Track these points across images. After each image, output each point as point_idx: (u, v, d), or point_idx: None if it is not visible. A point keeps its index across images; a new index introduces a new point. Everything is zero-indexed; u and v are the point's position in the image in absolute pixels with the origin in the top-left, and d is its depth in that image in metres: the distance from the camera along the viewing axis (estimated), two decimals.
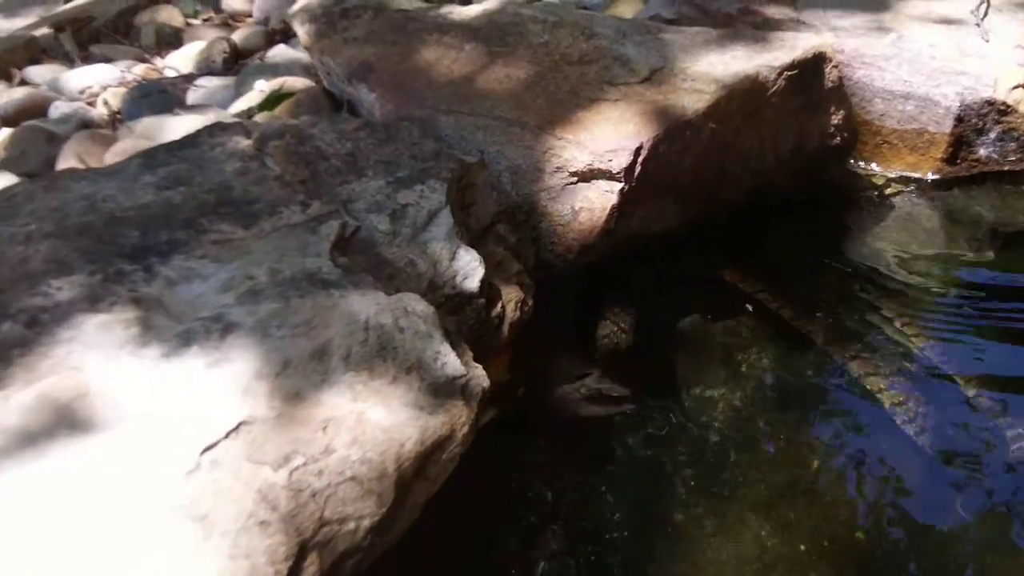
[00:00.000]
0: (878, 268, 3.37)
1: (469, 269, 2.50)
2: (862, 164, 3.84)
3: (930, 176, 3.78)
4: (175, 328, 2.12)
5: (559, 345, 3.06)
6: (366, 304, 2.23)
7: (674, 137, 3.03)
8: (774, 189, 3.44)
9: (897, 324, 3.15)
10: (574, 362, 3.03)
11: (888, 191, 3.75)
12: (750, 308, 3.20)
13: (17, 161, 3.51)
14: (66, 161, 3.41)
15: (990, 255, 3.47)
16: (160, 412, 1.94)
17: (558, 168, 2.95)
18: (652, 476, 2.76)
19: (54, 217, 2.38)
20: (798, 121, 3.44)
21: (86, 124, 3.79)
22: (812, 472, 2.78)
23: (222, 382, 2.01)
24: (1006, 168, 3.78)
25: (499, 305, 2.59)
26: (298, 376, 2.05)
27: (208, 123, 2.95)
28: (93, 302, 2.16)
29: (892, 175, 3.80)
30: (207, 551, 1.73)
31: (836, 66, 3.55)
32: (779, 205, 3.47)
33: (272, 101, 3.48)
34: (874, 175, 3.80)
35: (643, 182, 2.99)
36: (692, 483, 2.77)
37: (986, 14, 3.91)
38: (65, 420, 1.90)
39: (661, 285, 3.25)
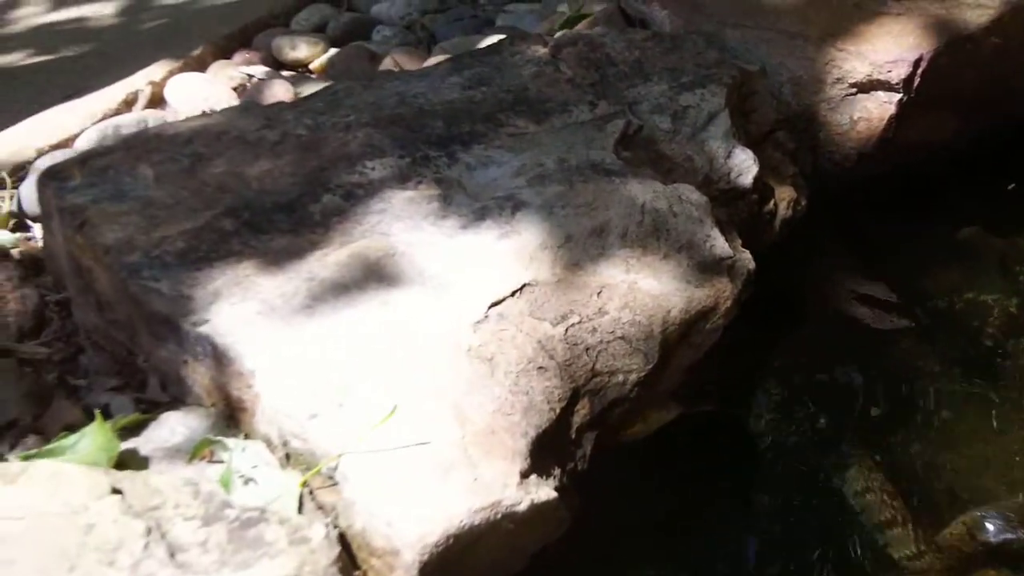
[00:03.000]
0: None
1: (744, 167, 2.66)
2: None
3: None
4: (472, 205, 2.38)
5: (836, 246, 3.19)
6: (644, 191, 2.43)
7: (954, 50, 3.07)
8: None
9: None
10: (848, 263, 3.16)
11: None
12: None
13: (343, 76, 3.85)
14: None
15: None
16: (455, 272, 2.20)
17: (838, 79, 3.05)
18: (914, 378, 2.86)
19: (370, 110, 2.68)
20: None
21: (404, 45, 4.11)
22: None
23: (510, 251, 2.25)
24: None
25: (771, 202, 2.75)
26: (578, 249, 2.28)
27: None
28: (402, 181, 2.44)
29: None
30: (492, 385, 1.98)
31: None
32: None
33: (571, 21, 3.70)
34: None
35: (922, 94, 3.05)
36: (960, 383, 2.84)
37: None
38: (374, 275, 2.18)
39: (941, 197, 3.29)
